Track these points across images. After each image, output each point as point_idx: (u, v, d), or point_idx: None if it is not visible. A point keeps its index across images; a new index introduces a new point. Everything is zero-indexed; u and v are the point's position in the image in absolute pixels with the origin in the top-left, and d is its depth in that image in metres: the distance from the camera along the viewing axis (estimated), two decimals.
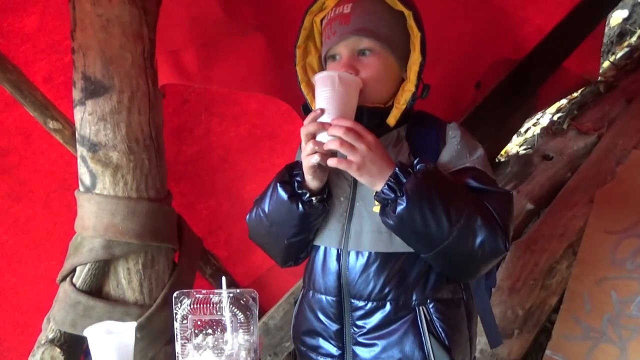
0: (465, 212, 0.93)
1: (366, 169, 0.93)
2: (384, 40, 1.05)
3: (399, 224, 0.94)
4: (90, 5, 1.36)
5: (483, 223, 0.94)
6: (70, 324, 1.40)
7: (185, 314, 0.97)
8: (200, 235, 1.73)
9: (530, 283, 2.02)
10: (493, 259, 0.99)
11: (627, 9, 3.26)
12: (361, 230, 1.06)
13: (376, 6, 1.06)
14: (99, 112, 1.38)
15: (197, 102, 1.83)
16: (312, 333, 1.14)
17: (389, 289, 1.04)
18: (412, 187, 0.92)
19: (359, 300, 1.06)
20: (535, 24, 2.25)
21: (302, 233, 1.10)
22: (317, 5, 1.11)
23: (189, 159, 1.93)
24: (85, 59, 1.38)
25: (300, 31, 1.14)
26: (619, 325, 1.81)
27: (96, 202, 1.39)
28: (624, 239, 1.95)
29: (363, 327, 1.07)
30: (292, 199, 1.05)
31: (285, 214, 1.07)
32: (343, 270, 1.07)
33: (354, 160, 0.92)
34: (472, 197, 0.97)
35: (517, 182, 2.37)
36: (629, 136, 2.26)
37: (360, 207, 1.07)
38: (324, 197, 1.06)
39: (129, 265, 1.44)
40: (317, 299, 1.12)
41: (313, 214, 1.06)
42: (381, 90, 1.07)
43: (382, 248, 1.04)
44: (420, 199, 0.91)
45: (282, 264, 1.21)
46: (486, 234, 0.94)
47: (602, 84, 2.77)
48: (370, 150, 0.92)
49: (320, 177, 1.03)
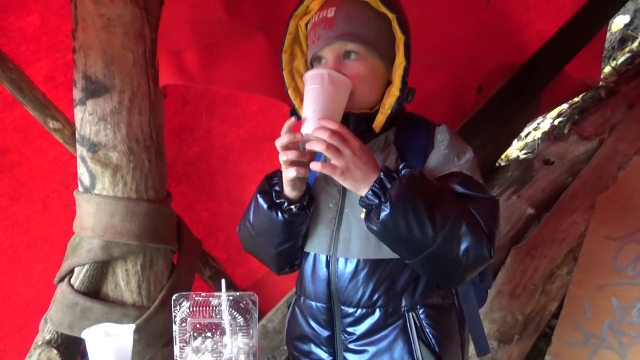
0: (450, 218, 0.93)
1: (350, 174, 0.92)
2: (369, 43, 1.03)
3: (383, 230, 0.93)
4: (92, 4, 1.35)
5: (468, 230, 0.93)
6: (68, 325, 1.39)
7: (184, 316, 0.96)
8: (199, 237, 1.72)
9: (530, 288, 2.01)
10: (478, 266, 0.98)
11: (629, 15, 3.26)
12: (350, 237, 1.06)
13: (360, 9, 1.04)
14: (100, 112, 1.38)
15: (198, 103, 1.83)
16: (303, 338, 1.14)
17: (378, 295, 1.04)
18: (396, 193, 0.91)
19: (349, 307, 1.06)
20: (537, 29, 2.25)
21: (288, 241, 1.09)
22: (302, 9, 1.10)
23: (190, 159, 1.93)
24: (86, 58, 1.37)
25: (285, 36, 1.12)
26: (620, 332, 1.81)
27: (95, 203, 1.39)
28: (625, 245, 1.94)
29: (353, 334, 1.06)
30: (272, 208, 1.05)
31: (267, 224, 1.07)
32: (332, 276, 1.07)
33: (338, 165, 0.91)
34: (457, 203, 0.96)
35: (518, 187, 2.37)
36: (631, 142, 2.26)
37: (349, 214, 1.07)
38: (303, 204, 1.05)
39: (128, 267, 1.43)
40: (308, 305, 1.12)
41: (295, 222, 1.06)
42: (368, 94, 1.06)
43: (371, 255, 1.04)
44: (405, 205, 0.91)
45: (277, 272, 1.21)
46: (471, 241, 0.93)
47: (604, 89, 2.78)
48: (354, 155, 0.91)
49: (299, 187, 1.03)
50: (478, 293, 1.23)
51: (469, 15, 2.05)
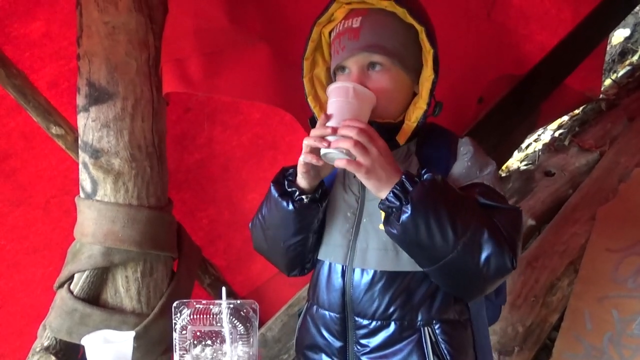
0: (472, 225, 0.91)
1: (375, 174, 0.91)
2: (395, 55, 1.02)
3: (403, 233, 0.92)
4: (97, 12, 1.36)
5: (490, 238, 0.92)
6: (67, 331, 1.39)
7: (184, 324, 0.96)
8: (199, 244, 1.72)
9: (531, 300, 2.01)
10: (499, 276, 0.96)
11: (629, 28, 3.29)
12: (367, 248, 1.04)
13: (387, 20, 1.03)
14: (102, 118, 1.38)
15: (200, 110, 1.83)
16: (314, 348, 1.12)
17: (394, 308, 1.02)
18: (418, 195, 0.89)
19: (363, 319, 1.04)
20: (538, 41, 2.27)
21: (297, 234, 1.07)
22: (326, 16, 1.08)
23: (191, 167, 1.93)
24: (90, 65, 1.38)
25: (307, 43, 1.11)
26: (620, 345, 1.80)
27: (96, 209, 1.39)
28: (625, 257, 1.94)
29: (367, 346, 1.04)
30: (282, 197, 1.04)
31: (277, 214, 1.06)
32: (347, 287, 1.05)
33: (364, 163, 0.90)
34: (479, 211, 0.95)
35: (519, 198, 2.37)
36: (632, 154, 2.27)
37: (367, 224, 1.05)
38: (316, 196, 1.04)
39: (128, 273, 1.42)
40: (321, 315, 1.10)
41: (305, 214, 1.04)
42: (391, 107, 1.04)
43: (388, 267, 1.02)
44: (426, 207, 0.89)
45: (287, 272, 1.19)
46: (492, 249, 0.91)
47: (604, 101, 2.79)
48: (381, 154, 0.90)
49: (312, 176, 1.01)
50: (492, 309, 1.21)
51: (470, 28, 2.07)
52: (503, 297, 1.20)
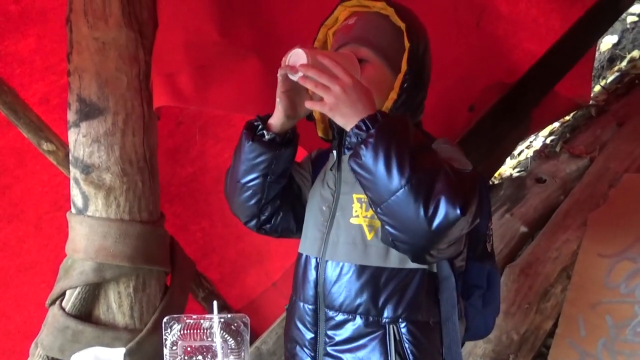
0: (429, 165, 0.90)
1: (338, 110, 0.93)
2: (379, 50, 1.08)
3: (364, 161, 0.89)
4: (87, 28, 1.37)
5: (443, 179, 0.88)
6: (59, 349, 1.38)
7: (175, 339, 0.96)
8: (193, 257, 1.71)
9: (524, 307, 2.01)
10: (446, 221, 0.88)
11: (617, 35, 3.32)
12: (338, 241, 1.07)
13: (378, 20, 1.11)
14: (93, 134, 1.38)
15: (191, 124, 1.84)
16: (292, 341, 1.15)
17: (360, 301, 1.04)
18: (386, 121, 0.91)
19: (332, 311, 1.07)
20: (527, 49, 2.29)
21: (250, 172, 1.11)
22: (331, 19, 1.17)
23: (184, 180, 1.93)
24: (80, 81, 1.38)
25: (313, 44, 1.18)
26: (614, 351, 1.80)
27: (88, 225, 1.38)
28: (617, 262, 1.95)
29: (333, 338, 1.07)
30: (246, 132, 1.09)
31: (238, 149, 1.12)
32: (320, 279, 1.08)
33: (327, 101, 0.93)
34: (440, 160, 0.94)
35: (511, 205, 2.38)
36: (621, 160, 2.28)
37: (339, 218, 1.09)
38: (276, 138, 1.08)
39: (120, 289, 1.42)
40: (298, 307, 1.13)
41: (260, 152, 1.08)
42: None
43: (356, 260, 1.04)
44: (390, 135, 0.89)
45: (243, 219, 1.21)
46: (443, 191, 0.87)
47: (594, 107, 2.81)
48: (344, 92, 0.92)
49: (285, 118, 1.05)
50: (482, 320, 1.20)
51: (460, 38, 2.09)
52: (495, 308, 1.20)
